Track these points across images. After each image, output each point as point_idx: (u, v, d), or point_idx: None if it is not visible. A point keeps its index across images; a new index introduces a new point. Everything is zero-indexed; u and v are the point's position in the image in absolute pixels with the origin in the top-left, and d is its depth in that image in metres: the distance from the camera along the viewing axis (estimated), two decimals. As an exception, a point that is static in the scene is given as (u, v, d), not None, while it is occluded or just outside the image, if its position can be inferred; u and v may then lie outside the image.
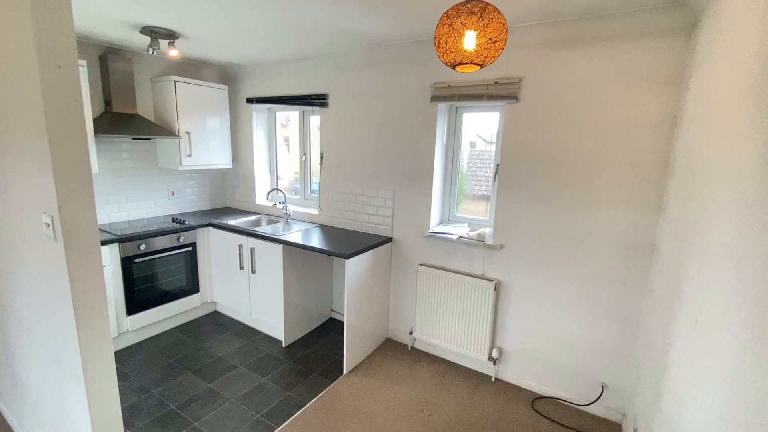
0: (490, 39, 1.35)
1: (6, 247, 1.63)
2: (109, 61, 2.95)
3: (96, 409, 1.32)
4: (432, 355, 2.98)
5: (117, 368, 2.66)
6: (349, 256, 2.54)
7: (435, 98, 2.64)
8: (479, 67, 1.46)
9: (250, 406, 2.35)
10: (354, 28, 2.41)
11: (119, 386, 2.47)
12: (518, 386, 2.63)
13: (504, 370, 2.69)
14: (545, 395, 2.54)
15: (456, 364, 2.87)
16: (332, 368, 2.78)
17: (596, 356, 2.35)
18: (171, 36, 2.62)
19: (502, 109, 2.54)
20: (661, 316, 1.81)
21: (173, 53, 2.67)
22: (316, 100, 3.23)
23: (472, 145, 2.89)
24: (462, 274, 2.69)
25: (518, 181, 2.44)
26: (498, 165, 2.53)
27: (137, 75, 3.23)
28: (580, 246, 2.29)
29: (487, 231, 2.68)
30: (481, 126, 2.82)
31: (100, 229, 2.97)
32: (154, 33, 2.54)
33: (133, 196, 3.37)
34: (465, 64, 1.43)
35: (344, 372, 2.71)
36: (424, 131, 2.75)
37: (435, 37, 1.41)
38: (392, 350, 3.03)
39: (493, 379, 2.69)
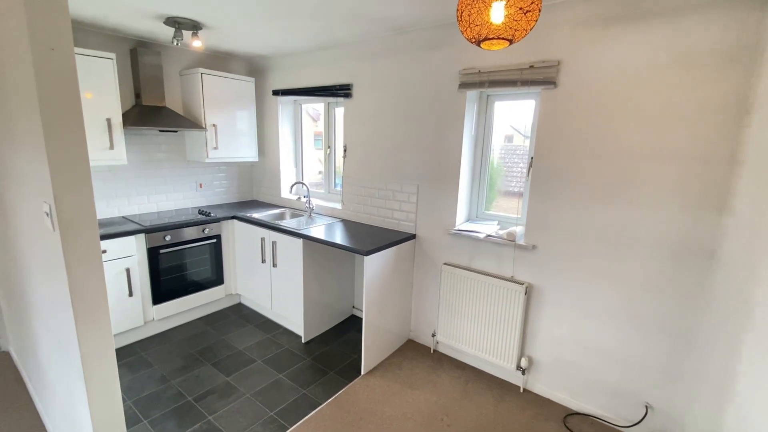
0: (520, 8, 1.17)
1: (21, 236, 1.65)
2: (138, 55, 2.99)
3: (96, 405, 1.29)
4: (455, 359, 2.81)
5: (141, 356, 2.74)
6: (368, 253, 2.42)
7: (463, 85, 2.45)
8: (508, 43, 1.28)
9: (264, 402, 2.31)
10: (374, 12, 2.27)
11: (142, 374, 2.53)
12: (549, 399, 2.42)
13: (533, 380, 2.48)
14: (579, 412, 2.31)
15: (481, 371, 2.69)
16: (350, 368, 2.68)
17: (640, 373, 2.09)
18: (194, 27, 2.60)
19: (537, 96, 2.31)
20: (722, 334, 1.55)
21: (197, 44, 2.65)
22: (340, 91, 3.12)
23: (509, 139, 2.67)
24: (489, 275, 2.50)
25: (555, 175, 2.22)
26: (532, 158, 2.31)
27: (166, 68, 3.26)
28: (624, 248, 2.04)
29: (519, 230, 2.47)
30: (516, 118, 2.59)
31: (129, 220, 3.05)
32: (177, 24, 2.53)
33: (162, 188, 3.44)
34: (491, 39, 1.25)
35: (362, 372, 2.61)
36: (451, 121, 2.57)
37: (457, 9, 1.24)
38: (413, 352, 2.90)
39: (521, 390, 2.49)
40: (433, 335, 2.87)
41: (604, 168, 2.04)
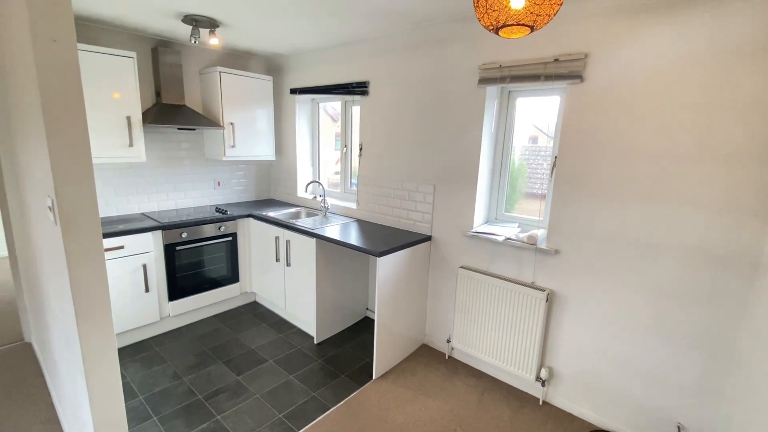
0: (543, -9, 1.07)
1: (35, 230, 1.66)
2: (159, 54, 3.03)
3: (97, 403, 1.27)
4: (471, 367, 2.70)
5: (156, 352, 2.76)
6: (380, 254, 2.35)
7: (483, 81, 2.34)
8: (529, 30, 1.18)
9: (273, 404, 2.27)
10: (392, 5, 2.20)
11: (155, 370, 2.54)
12: (570, 413, 2.28)
13: (554, 393, 2.34)
14: (603, 428, 2.16)
15: (498, 380, 2.57)
16: (362, 371, 2.62)
17: (671, 390, 1.93)
18: (212, 24, 2.60)
19: (562, 92, 2.18)
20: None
21: (213, 42, 2.66)
22: (357, 89, 3.07)
23: (534, 140, 2.53)
24: (508, 280, 2.38)
25: (580, 176, 2.08)
26: (556, 157, 2.18)
27: (186, 67, 3.30)
28: (656, 255, 1.89)
29: (540, 233, 2.34)
30: (540, 117, 2.44)
31: (148, 216, 3.09)
32: (195, 21, 2.53)
33: (181, 186, 3.48)
34: (511, 25, 1.15)
35: (374, 377, 2.54)
36: (470, 119, 2.47)
37: (473, -6, 1.15)
38: (427, 358, 2.80)
39: (540, 403, 2.36)
40: (449, 341, 2.77)
41: (636, 168, 1.89)
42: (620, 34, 1.86)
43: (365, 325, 3.25)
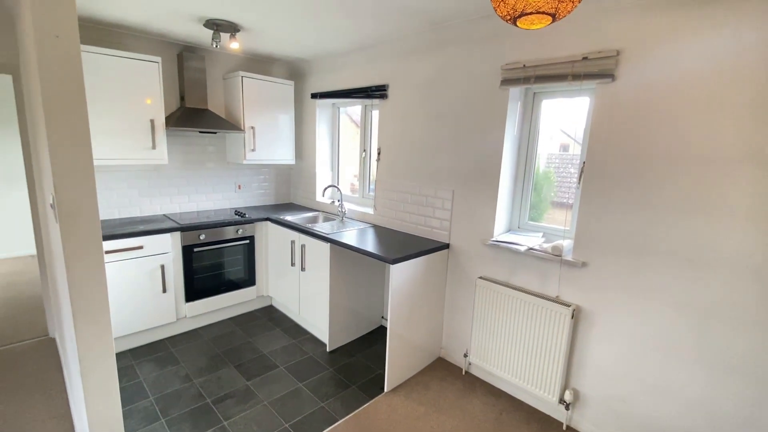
0: (565, -27, 0.96)
1: (49, 226, 1.69)
2: (184, 59, 3.10)
3: (93, 404, 1.24)
4: (489, 384, 2.54)
5: (171, 352, 2.78)
6: (394, 262, 2.26)
7: (506, 82, 2.23)
8: (551, 20, 1.07)
9: (280, 412, 2.21)
10: (412, 5, 2.13)
11: (168, 371, 2.55)
12: (598, 442, 2.09)
13: (579, 417, 2.16)
14: (636, 461, 1.96)
15: (518, 400, 2.40)
16: (373, 383, 2.52)
17: (716, 422, 1.72)
18: (232, 29, 2.63)
19: (591, 93, 2.03)
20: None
21: (234, 45, 2.68)
22: (376, 92, 3.02)
23: (564, 148, 2.37)
24: (530, 293, 2.22)
25: (611, 182, 1.92)
26: (584, 163, 2.03)
27: (209, 72, 3.36)
28: (698, 270, 1.70)
29: (566, 243, 2.18)
30: (568, 122, 2.28)
31: (169, 218, 3.14)
32: (216, 26, 2.57)
33: (202, 188, 3.53)
34: (530, 14, 1.05)
35: (385, 390, 2.44)
36: (491, 122, 2.35)
37: (488, -19, 1.06)
38: (443, 372, 2.67)
39: (564, 427, 2.18)
40: (466, 355, 2.63)
41: (674, 174, 1.72)
42: (658, 29, 1.71)
43: (380, 335, 3.16)
